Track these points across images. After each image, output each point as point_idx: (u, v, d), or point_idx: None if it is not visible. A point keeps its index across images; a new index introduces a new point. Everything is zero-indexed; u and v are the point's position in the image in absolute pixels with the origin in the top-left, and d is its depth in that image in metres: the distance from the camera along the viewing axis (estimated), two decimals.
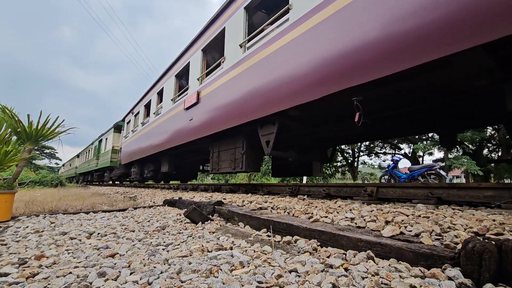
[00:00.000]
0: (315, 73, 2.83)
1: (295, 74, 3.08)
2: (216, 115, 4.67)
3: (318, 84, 2.77)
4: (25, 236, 1.84)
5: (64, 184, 14.12)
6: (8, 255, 1.39)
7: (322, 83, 2.73)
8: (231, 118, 4.23)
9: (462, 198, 2.26)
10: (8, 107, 2.84)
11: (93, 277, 1.04)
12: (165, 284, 0.97)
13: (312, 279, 0.99)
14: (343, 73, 2.52)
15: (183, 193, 5.82)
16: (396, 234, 1.37)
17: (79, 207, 3.57)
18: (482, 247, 0.91)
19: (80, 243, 1.64)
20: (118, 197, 6.09)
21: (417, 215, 1.72)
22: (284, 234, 1.75)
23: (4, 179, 2.73)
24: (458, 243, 1.17)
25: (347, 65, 2.49)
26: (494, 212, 1.78)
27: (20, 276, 1.07)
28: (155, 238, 1.77)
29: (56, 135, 3.17)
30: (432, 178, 8.06)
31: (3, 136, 2.76)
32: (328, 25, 2.72)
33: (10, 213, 2.55)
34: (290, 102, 3.13)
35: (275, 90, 3.37)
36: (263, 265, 1.17)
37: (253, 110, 3.73)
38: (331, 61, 2.66)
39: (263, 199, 3.21)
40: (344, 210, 2.11)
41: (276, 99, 3.34)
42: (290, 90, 3.14)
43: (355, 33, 2.43)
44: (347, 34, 2.50)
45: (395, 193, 2.70)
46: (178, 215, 2.72)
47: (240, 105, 4.03)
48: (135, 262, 1.24)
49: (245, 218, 2.21)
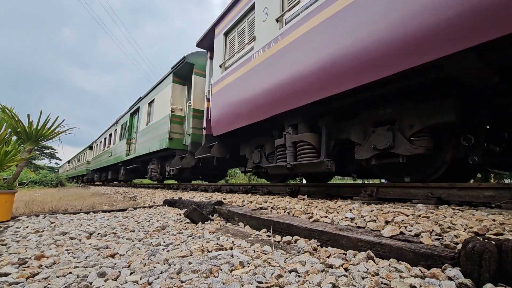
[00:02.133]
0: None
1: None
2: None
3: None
4: (25, 236, 1.84)
5: (64, 184, 14.11)
6: (8, 255, 1.39)
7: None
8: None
9: (462, 198, 2.25)
10: (8, 107, 2.84)
11: (93, 277, 1.04)
12: (165, 284, 0.97)
13: (312, 279, 0.99)
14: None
15: (183, 193, 5.82)
16: (396, 234, 1.37)
17: (79, 207, 3.57)
18: (482, 247, 0.91)
19: (80, 243, 1.64)
20: (118, 197, 6.09)
21: (417, 215, 1.72)
22: (284, 234, 1.75)
23: (4, 179, 2.73)
24: (458, 243, 1.17)
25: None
26: (494, 212, 1.78)
27: (20, 276, 1.07)
28: (155, 238, 1.77)
29: (56, 135, 3.17)
30: None
31: (3, 136, 2.76)
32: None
33: (10, 213, 2.55)
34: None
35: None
36: (263, 265, 1.17)
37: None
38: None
39: (263, 199, 3.21)
40: (344, 210, 2.11)
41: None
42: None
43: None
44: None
45: (395, 193, 2.70)
46: (178, 215, 2.72)
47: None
48: (135, 262, 1.24)
49: (245, 218, 2.21)
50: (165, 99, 7.34)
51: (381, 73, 2.32)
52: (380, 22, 2.33)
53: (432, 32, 1.97)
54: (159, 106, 7.72)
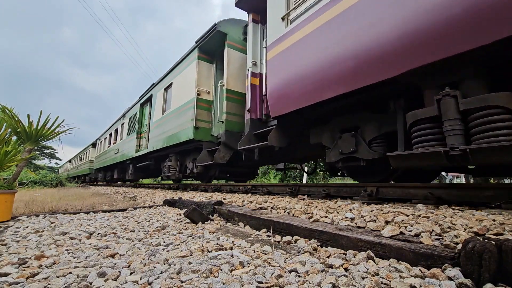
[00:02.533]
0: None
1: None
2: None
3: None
4: (25, 236, 1.84)
5: (64, 184, 14.11)
6: (8, 255, 1.39)
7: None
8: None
9: (462, 198, 2.25)
10: (8, 107, 2.84)
11: (93, 277, 1.04)
12: (165, 284, 0.97)
13: (312, 279, 0.99)
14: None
15: (183, 193, 5.82)
16: (396, 234, 1.37)
17: (79, 207, 3.57)
18: (482, 247, 0.91)
19: (80, 243, 1.64)
20: (118, 197, 6.09)
21: (417, 215, 1.72)
22: (284, 234, 1.75)
23: (4, 179, 2.73)
24: (458, 243, 1.17)
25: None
26: (494, 212, 1.78)
27: (20, 276, 1.07)
28: (155, 238, 1.77)
29: (56, 135, 3.17)
30: None
31: (3, 136, 2.76)
32: None
33: (10, 213, 2.55)
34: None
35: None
36: (263, 265, 1.17)
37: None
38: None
39: (263, 199, 3.21)
40: (344, 210, 2.11)
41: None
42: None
43: None
44: None
45: (395, 193, 2.70)
46: (178, 215, 2.72)
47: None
48: (135, 262, 1.24)
49: (245, 218, 2.21)
50: (188, 80, 6.00)
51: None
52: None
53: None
54: (180, 90, 6.44)
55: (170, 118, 6.67)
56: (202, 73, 5.75)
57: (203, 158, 5.54)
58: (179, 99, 6.31)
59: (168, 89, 7.33)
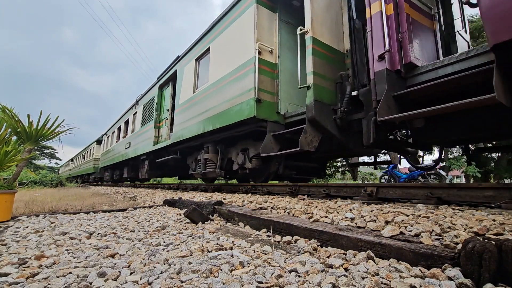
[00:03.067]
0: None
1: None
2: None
3: None
4: (25, 236, 1.84)
5: (64, 184, 14.12)
6: (8, 255, 1.39)
7: None
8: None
9: (462, 198, 2.25)
10: (8, 107, 2.84)
11: (93, 277, 1.04)
12: (165, 284, 0.97)
13: (312, 279, 0.99)
14: None
15: (183, 193, 5.82)
16: (396, 234, 1.37)
17: (79, 207, 3.57)
18: (482, 247, 0.91)
19: (80, 243, 1.64)
20: (118, 197, 6.09)
21: (417, 215, 1.72)
22: (284, 234, 1.75)
23: (4, 179, 2.73)
24: (458, 243, 1.17)
25: None
26: (494, 212, 1.78)
27: (20, 276, 1.07)
28: (155, 238, 1.76)
29: (56, 135, 3.17)
30: (432, 178, 8.07)
31: (3, 136, 2.76)
32: None
33: (10, 213, 2.55)
34: None
35: None
36: (263, 265, 1.17)
37: None
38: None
39: (263, 199, 3.21)
40: (344, 210, 2.11)
41: None
42: None
43: None
44: None
45: (395, 193, 2.70)
46: (178, 215, 2.72)
47: None
48: (135, 262, 1.24)
49: (245, 218, 2.21)
50: (240, 36, 4.39)
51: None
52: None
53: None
54: (224, 54, 4.80)
55: (209, 94, 5.09)
56: (262, 24, 4.11)
57: (268, 146, 3.88)
58: (225, 66, 4.71)
59: (202, 59, 5.74)
